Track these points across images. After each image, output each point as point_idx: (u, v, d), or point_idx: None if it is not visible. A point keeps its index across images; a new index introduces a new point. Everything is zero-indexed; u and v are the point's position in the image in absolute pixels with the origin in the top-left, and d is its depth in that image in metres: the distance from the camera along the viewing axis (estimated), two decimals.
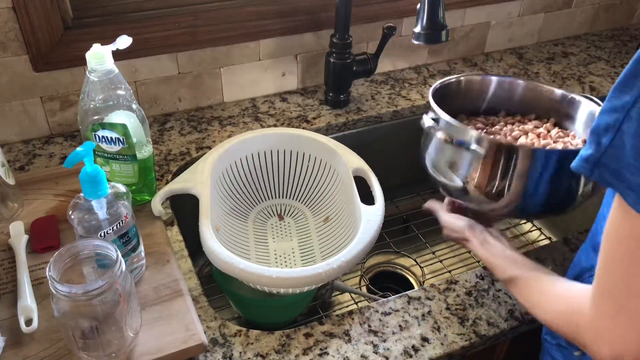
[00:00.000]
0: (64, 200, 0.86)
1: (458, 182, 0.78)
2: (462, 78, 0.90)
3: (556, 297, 0.63)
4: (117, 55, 0.76)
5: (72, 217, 0.67)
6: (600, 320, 0.53)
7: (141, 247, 0.75)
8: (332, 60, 1.11)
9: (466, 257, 1.13)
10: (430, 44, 0.86)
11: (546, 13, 1.41)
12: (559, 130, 0.87)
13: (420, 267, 1.10)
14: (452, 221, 0.82)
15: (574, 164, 0.53)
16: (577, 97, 0.86)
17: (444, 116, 0.78)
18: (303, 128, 1.09)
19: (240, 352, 0.70)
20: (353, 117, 1.14)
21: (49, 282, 0.58)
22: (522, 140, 0.83)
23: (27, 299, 0.69)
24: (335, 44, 1.09)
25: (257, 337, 0.72)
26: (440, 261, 1.11)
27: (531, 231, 1.22)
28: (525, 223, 1.24)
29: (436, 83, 0.86)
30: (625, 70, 0.48)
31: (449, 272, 1.09)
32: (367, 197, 0.88)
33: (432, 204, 0.88)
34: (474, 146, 0.74)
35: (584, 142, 0.85)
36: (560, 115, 0.88)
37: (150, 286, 0.74)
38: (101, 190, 0.66)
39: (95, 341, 0.62)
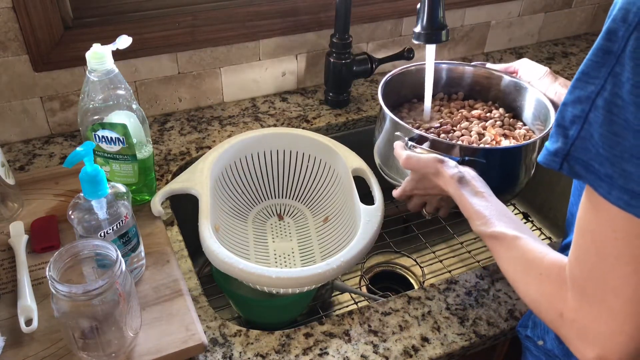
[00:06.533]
0: (64, 200, 0.86)
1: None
2: (412, 68, 0.96)
3: (544, 275, 0.55)
4: (117, 55, 0.76)
5: (72, 217, 0.67)
6: (582, 316, 0.49)
7: (141, 247, 0.75)
8: (332, 60, 1.11)
9: (466, 257, 1.13)
10: (430, 43, 0.86)
11: (546, 13, 1.41)
12: (503, 113, 0.94)
13: (420, 267, 1.10)
14: (418, 155, 0.75)
15: (541, 158, 0.50)
16: (524, 85, 0.92)
17: (388, 112, 0.84)
18: (303, 128, 1.09)
19: (240, 352, 0.70)
20: (353, 117, 1.14)
21: (49, 282, 0.58)
22: (464, 124, 0.90)
23: (27, 299, 0.69)
24: (335, 43, 1.09)
25: (257, 337, 0.72)
26: (440, 261, 1.11)
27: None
28: (525, 223, 1.23)
29: (386, 75, 0.93)
30: (587, 61, 0.46)
31: (449, 272, 1.09)
32: (366, 197, 0.88)
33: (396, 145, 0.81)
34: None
35: (528, 131, 0.91)
36: (508, 102, 0.96)
37: (150, 286, 0.74)
38: (101, 190, 0.66)
39: (95, 341, 0.62)
